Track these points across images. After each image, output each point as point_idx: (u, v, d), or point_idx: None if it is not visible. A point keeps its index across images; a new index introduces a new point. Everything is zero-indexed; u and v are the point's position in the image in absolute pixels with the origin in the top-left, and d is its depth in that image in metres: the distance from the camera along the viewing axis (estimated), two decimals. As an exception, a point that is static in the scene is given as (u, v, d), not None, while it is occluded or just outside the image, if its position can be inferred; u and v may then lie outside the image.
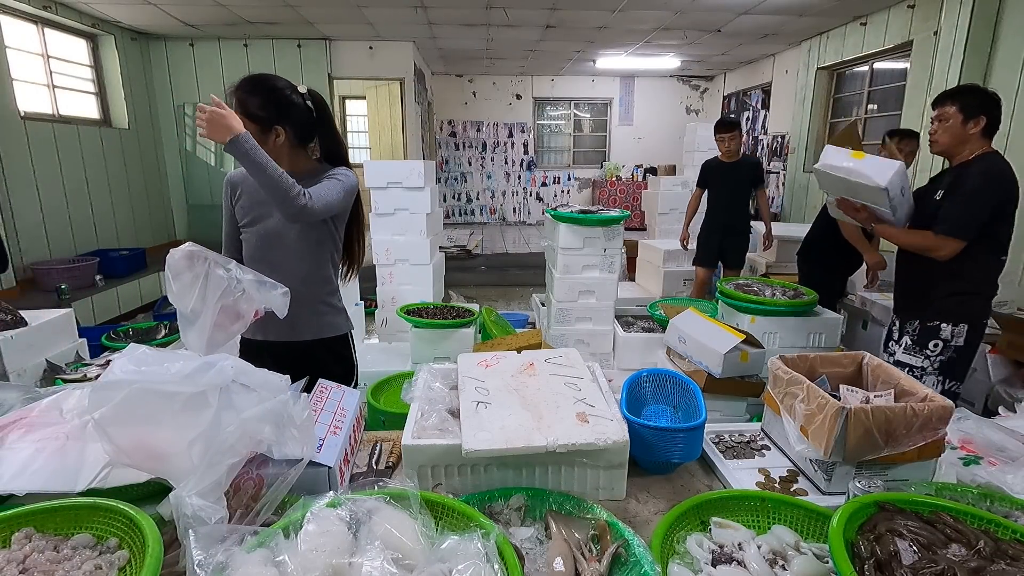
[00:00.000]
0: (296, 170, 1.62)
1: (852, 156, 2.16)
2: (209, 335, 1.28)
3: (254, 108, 1.53)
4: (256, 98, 1.54)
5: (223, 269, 1.27)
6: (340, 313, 1.81)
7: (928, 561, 0.80)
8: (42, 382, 2.19)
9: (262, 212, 1.65)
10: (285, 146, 1.60)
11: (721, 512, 1.03)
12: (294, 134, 1.60)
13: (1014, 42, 3.96)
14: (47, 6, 5.11)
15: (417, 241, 4.05)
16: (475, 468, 1.11)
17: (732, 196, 4.38)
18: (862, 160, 2.14)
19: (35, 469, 1.00)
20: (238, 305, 1.29)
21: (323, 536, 0.80)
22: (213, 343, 1.29)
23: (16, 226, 4.74)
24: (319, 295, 1.73)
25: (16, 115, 4.76)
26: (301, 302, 1.58)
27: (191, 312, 1.27)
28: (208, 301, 1.26)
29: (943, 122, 2.19)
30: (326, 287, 1.75)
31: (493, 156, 10.25)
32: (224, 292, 1.26)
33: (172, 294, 1.28)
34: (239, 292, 1.27)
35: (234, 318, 1.32)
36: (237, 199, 1.68)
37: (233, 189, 1.69)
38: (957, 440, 1.37)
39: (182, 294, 1.27)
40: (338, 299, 1.81)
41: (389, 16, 5.92)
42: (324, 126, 1.67)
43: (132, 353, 1.07)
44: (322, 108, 1.65)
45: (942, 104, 2.21)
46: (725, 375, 2.03)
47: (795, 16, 5.74)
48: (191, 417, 0.92)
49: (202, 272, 1.26)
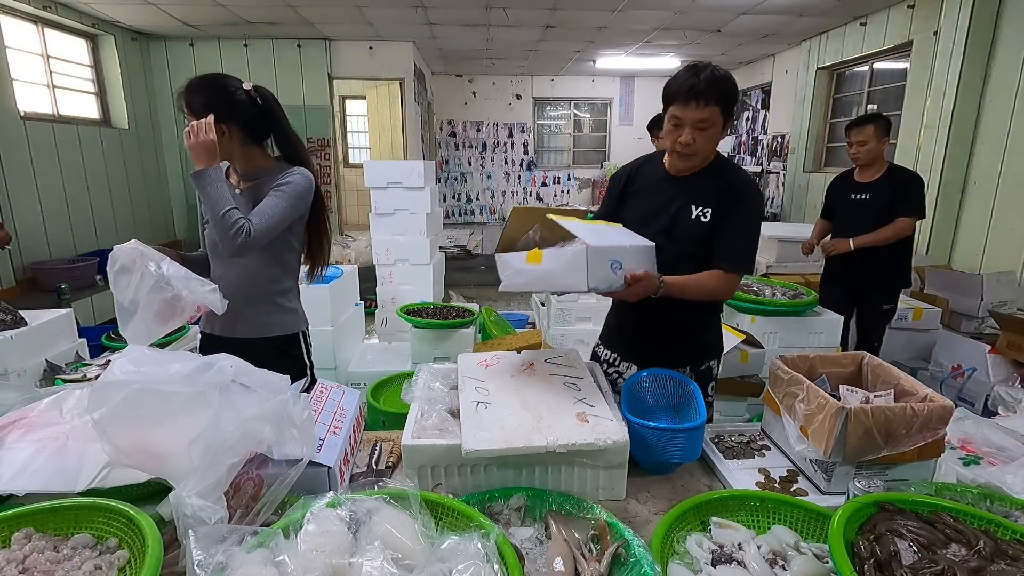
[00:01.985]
0: (252, 169, 1.65)
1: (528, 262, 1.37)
2: (146, 327, 1.39)
3: (198, 106, 1.55)
4: (200, 97, 1.56)
5: (155, 266, 1.37)
6: (289, 312, 1.78)
7: (928, 561, 0.80)
8: (42, 382, 2.19)
9: None
10: (236, 144, 1.60)
11: (721, 512, 1.03)
12: (244, 132, 1.60)
13: (1014, 42, 3.95)
14: (47, 6, 5.10)
15: (417, 241, 4.05)
16: (475, 468, 1.11)
17: None
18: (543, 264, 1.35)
19: (35, 469, 1.00)
20: (175, 300, 1.40)
21: (323, 536, 0.80)
22: (151, 334, 1.42)
23: (16, 226, 4.74)
24: (265, 293, 1.71)
25: (16, 115, 4.75)
26: (244, 299, 1.65)
27: (129, 304, 1.39)
28: (140, 296, 1.38)
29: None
30: (273, 285, 1.72)
31: (493, 156, 10.25)
32: (152, 288, 1.37)
33: (113, 287, 1.41)
34: (169, 290, 1.38)
35: (171, 313, 1.42)
36: None
37: None
38: (957, 440, 1.37)
39: (120, 288, 1.39)
40: (290, 298, 1.77)
41: (389, 16, 5.92)
42: (275, 124, 1.66)
43: (132, 353, 1.07)
44: (271, 105, 1.64)
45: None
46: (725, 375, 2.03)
47: (795, 16, 5.73)
48: (191, 417, 0.92)
49: (140, 268, 1.38)
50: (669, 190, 1.59)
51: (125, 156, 6.28)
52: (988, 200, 4.10)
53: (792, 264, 4.27)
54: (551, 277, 1.30)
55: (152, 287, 1.36)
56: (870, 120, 2.94)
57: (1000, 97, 4.03)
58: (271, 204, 1.58)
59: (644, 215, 1.62)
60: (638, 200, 1.65)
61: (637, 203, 1.65)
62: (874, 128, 2.88)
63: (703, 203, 1.54)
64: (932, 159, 4.40)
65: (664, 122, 1.52)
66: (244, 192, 1.66)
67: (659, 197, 1.61)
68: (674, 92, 1.45)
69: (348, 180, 8.96)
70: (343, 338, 3.10)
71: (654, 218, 1.59)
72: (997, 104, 4.06)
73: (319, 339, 2.94)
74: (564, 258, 1.27)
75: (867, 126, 2.91)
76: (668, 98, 1.48)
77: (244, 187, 1.67)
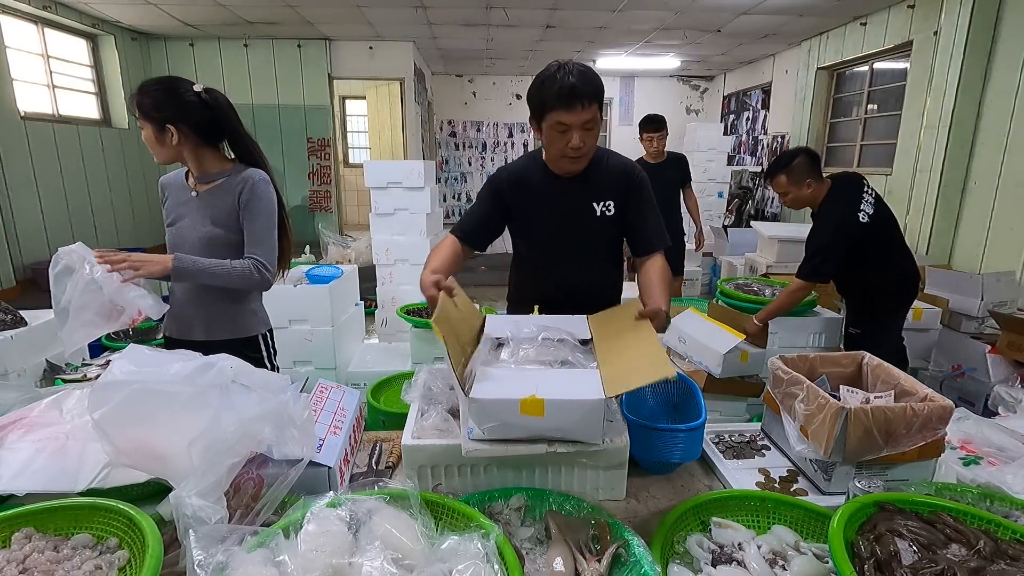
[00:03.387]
0: (206, 171, 1.65)
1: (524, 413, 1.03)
2: (82, 328, 1.42)
3: (148, 109, 1.55)
4: (149, 99, 1.56)
5: (88, 269, 1.39)
6: (248, 315, 1.76)
7: (928, 561, 0.80)
8: (42, 382, 2.19)
9: (180, 213, 1.68)
10: (187, 146, 1.60)
11: (721, 512, 1.03)
12: (195, 133, 1.60)
13: (1014, 42, 3.95)
14: (47, 6, 5.10)
15: (417, 241, 4.05)
16: (475, 468, 1.11)
17: (662, 199, 4.15)
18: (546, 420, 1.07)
19: (35, 469, 1.00)
20: (111, 304, 1.42)
21: (323, 536, 0.80)
22: (87, 335, 1.45)
23: (16, 226, 4.74)
24: (218, 296, 1.69)
25: (16, 115, 4.76)
26: (201, 302, 1.68)
27: (65, 304, 1.41)
28: (74, 298, 1.40)
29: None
30: (228, 289, 1.69)
31: (493, 156, 10.25)
32: (84, 290, 1.39)
33: (52, 287, 1.42)
34: (102, 295, 1.40)
35: (110, 315, 1.45)
36: (165, 200, 1.72)
37: (163, 191, 1.74)
38: (957, 440, 1.37)
39: (59, 288, 1.41)
40: (250, 300, 1.76)
41: (389, 16, 5.92)
42: (227, 126, 1.66)
43: (132, 353, 1.07)
44: (222, 108, 1.63)
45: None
46: (725, 375, 2.03)
47: (795, 16, 5.74)
48: (191, 417, 0.92)
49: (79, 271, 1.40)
50: (562, 193, 1.57)
51: (125, 156, 6.28)
52: (988, 200, 4.10)
53: (792, 264, 4.26)
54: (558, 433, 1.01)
55: (83, 290, 1.39)
56: (777, 168, 2.52)
57: (1000, 97, 4.03)
58: (264, 230, 1.63)
59: (542, 222, 1.60)
60: (531, 207, 1.61)
61: (531, 210, 1.61)
62: (786, 178, 2.49)
63: (603, 198, 1.56)
64: (932, 159, 4.40)
65: (545, 129, 1.46)
66: (201, 195, 1.66)
67: (554, 202, 1.58)
68: (554, 98, 1.40)
69: (348, 180, 8.96)
70: (343, 338, 3.10)
71: (556, 223, 1.59)
72: (997, 104, 4.06)
73: (319, 339, 2.96)
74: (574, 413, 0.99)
75: (777, 176, 2.51)
76: (544, 105, 1.42)
77: (201, 190, 1.67)
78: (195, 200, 1.66)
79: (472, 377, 1.06)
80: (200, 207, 1.65)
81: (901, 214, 4.67)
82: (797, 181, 2.48)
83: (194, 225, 1.64)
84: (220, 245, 1.64)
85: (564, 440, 1.01)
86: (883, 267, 2.47)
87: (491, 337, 1.28)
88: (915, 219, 4.61)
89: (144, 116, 1.56)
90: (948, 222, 4.38)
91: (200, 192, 1.67)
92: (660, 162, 4.12)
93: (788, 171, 2.48)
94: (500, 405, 0.98)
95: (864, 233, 2.38)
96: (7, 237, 4.58)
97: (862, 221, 2.37)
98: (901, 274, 2.52)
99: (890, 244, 2.50)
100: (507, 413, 0.97)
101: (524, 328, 1.27)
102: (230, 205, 1.63)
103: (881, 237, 2.45)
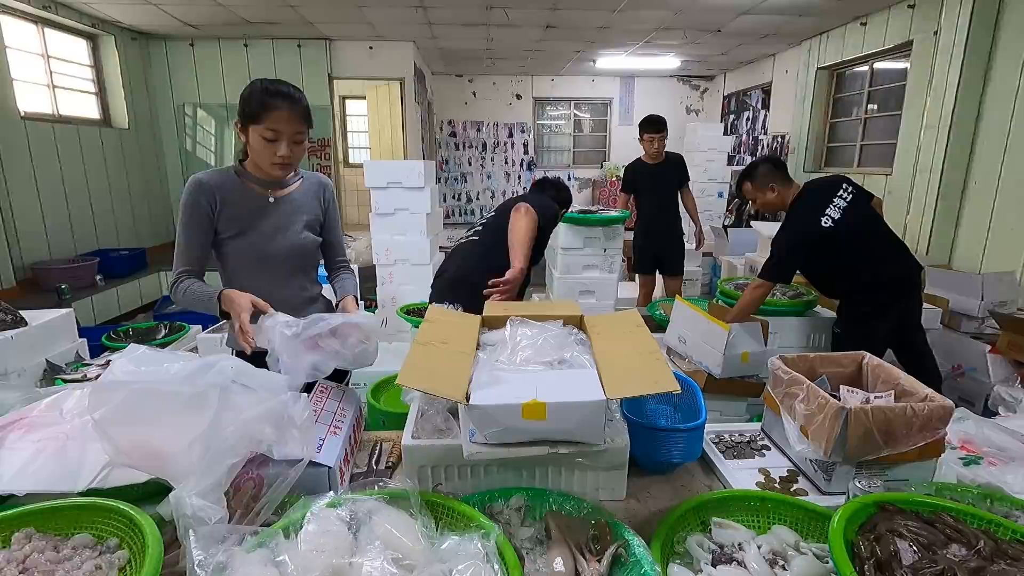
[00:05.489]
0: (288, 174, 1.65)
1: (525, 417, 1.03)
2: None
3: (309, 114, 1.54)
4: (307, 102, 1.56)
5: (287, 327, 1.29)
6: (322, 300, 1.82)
7: (928, 561, 0.80)
8: (42, 382, 2.19)
9: (251, 222, 1.55)
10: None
11: (721, 512, 1.03)
12: None
13: (1014, 42, 3.95)
14: (47, 6, 5.10)
15: (417, 241, 4.05)
16: (475, 468, 1.11)
17: (661, 199, 4.16)
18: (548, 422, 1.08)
19: (35, 469, 1.00)
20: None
21: (323, 536, 0.80)
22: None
23: (16, 226, 4.74)
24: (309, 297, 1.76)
25: (16, 115, 4.75)
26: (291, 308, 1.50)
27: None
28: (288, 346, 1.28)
29: None
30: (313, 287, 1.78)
31: (493, 156, 10.24)
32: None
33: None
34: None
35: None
36: (215, 207, 1.53)
37: (209, 195, 1.51)
38: (957, 440, 1.37)
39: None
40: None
41: (389, 16, 5.91)
42: None
43: (132, 353, 1.07)
44: None
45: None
46: (725, 375, 2.03)
47: (795, 16, 5.73)
48: (191, 417, 0.92)
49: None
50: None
51: (125, 156, 6.28)
52: (988, 200, 4.10)
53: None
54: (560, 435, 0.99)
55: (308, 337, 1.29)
56: (744, 177, 2.65)
57: (1000, 97, 4.03)
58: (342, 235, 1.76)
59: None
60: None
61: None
62: (750, 184, 2.60)
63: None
64: (932, 159, 4.39)
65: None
66: (280, 200, 1.59)
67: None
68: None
69: (348, 180, 8.95)
70: (343, 338, 3.10)
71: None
72: (997, 104, 4.06)
73: (319, 339, 2.95)
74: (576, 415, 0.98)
75: (744, 184, 2.64)
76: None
77: (279, 195, 1.59)
78: (273, 206, 1.57)
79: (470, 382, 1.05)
80: (288, 213, 1.58)
81: (901, 214, 4.67)
82: (762, 187, 2.57)
83: (283, 233, 1.57)
84: (311, 252, 1.64)
85: (566, 442, 1.00)
86: (852, 271, 2.42)
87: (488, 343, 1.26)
88: (915, 219, 4.60)
89: (309, 123, 1.52)
90: (948, 222, 4.38)
91: (278, 197, 1.59)
92: (659, 163, 4.12)
93: (752, 178, 2.60)
94: (502, 411, 0.96)
95: (828, 237, 2.36)
96: (7, 237, 4.58)
97: (824, 226, 2.36)
98: (875, 277, 2.40)
99: (863, 248, 2.41)
100: (509, 418, 0.96)
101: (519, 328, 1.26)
102: (316, 209, 1.64)
103: (850, 242, 2.39)
